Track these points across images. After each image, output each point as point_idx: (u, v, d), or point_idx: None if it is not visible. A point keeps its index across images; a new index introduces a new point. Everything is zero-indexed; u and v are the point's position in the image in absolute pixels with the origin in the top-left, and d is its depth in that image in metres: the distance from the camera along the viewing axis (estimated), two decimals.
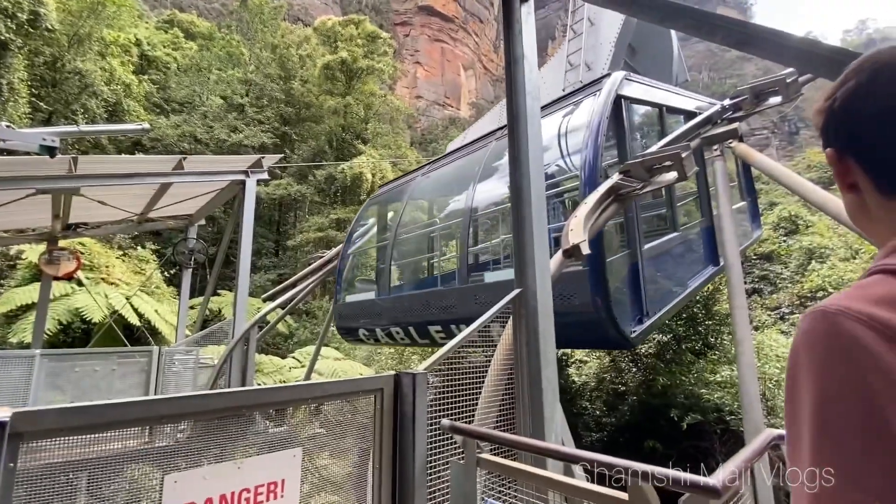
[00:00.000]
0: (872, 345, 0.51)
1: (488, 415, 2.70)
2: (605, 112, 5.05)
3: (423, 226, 8.66)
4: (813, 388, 0.54)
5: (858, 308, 0.53)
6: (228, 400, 1.65)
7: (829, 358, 0.54)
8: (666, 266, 5.61)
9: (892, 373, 0.49)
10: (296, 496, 1.71)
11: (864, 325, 0.52)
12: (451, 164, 8.05)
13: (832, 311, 0.55)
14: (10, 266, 14.53)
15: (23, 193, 6.76)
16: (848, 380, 0.51)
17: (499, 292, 4.69)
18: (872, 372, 0.50)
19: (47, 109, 19.37)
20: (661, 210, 6.22)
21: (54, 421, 1.29)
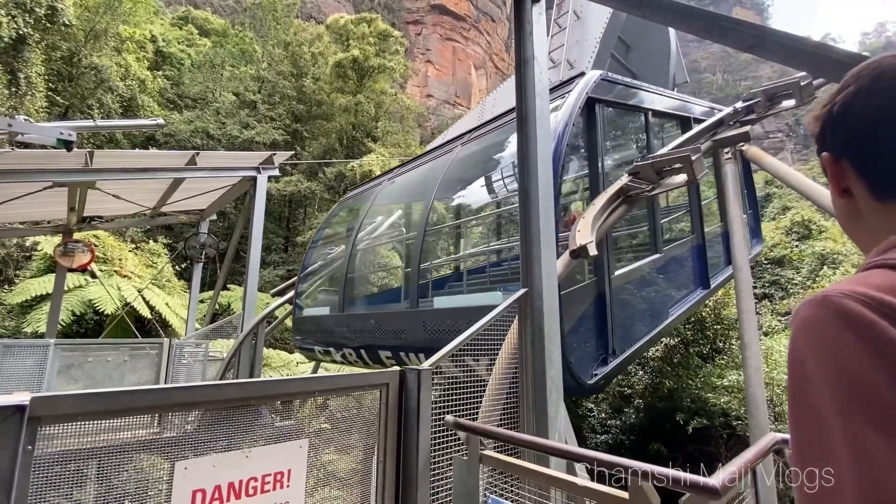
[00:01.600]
0: (884, 325, 0.49)
1: (492, 413, 2.72)
2: (570, 119, 4.54)
3: (379, 238, 7.96)
4: (831, 373, 0.50)
5: (864, 292, 0.51)
6: (238, 391, 1.69)
7: (845, 338, 0.50)
8: (643, 293, 5.08)
9: None
10: (301, 486, 1.75)
11: (872, 309, 0.50)
12: (415, 170, 7.53)
13: (835, 295, 0.53)
14: (25, 257, 14.82)
15: (40, 186, 6.91)
16: (873, 355, 0.48)
17: (453, 320, 4.39)
18: (889, 356, 0.48)
19: (64, 104, 19.70)
20: (642, 226, 5.82)
21: (71, 406, 1.34)
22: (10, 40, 15.13)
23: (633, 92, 5.85)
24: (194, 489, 1.53)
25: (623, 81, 5.73)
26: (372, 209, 7.72)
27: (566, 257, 3.64)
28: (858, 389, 0.48)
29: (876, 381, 0.48)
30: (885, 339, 0.48)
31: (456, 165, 6.45)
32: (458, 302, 5.17)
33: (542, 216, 3.11)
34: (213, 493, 1.56)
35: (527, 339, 2.92)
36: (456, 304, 5.09)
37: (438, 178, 6.34)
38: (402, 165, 8.16)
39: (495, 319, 2.87)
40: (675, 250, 5.89)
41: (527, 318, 2.97)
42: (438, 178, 6.34)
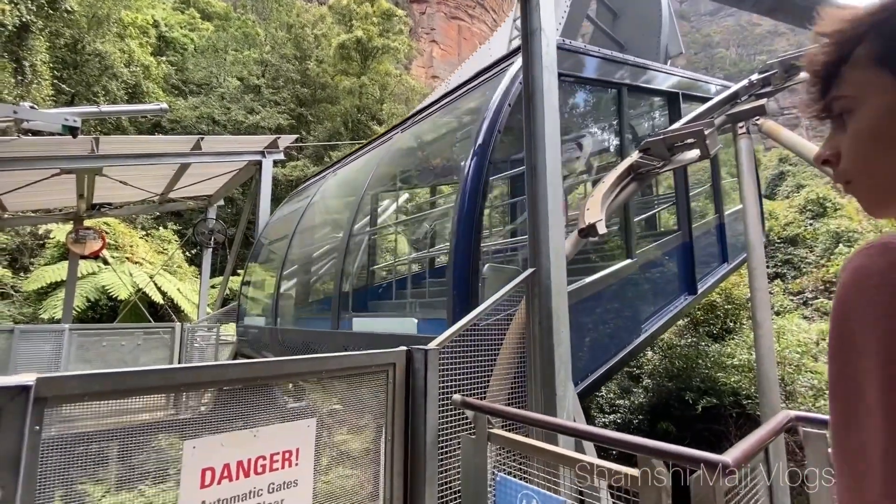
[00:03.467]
0: None
1: (500, 392, 2.71)
2: (504, 100, 3.79)
3: (310, 244, 7.05)
4: (885, 333, 0.42)
5: None
6: (244, 370, 1.69)
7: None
8: (608, 309, 4.33)
9: None
10: (310, 465, 1.75)
11: None
12: (354, 163, 6.73)
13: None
14: (39, 245, 15.04)
15: (48, 173, 6.95)
16: None
17: (377, 345, 4.04)
18: None
19: (70, 91, 19.70)
20: (612, 224, 5.18)
21: (77, 386, 1.34)
22: (14, 28, 15.07)
23: (602, 64, 4.99)
24: (203, 467, 1.54)
25: (586, 51, 4.87)
26: (307, 212, 6.98)
27: (575, 236, 3.58)
28: None
29: None
30: None
31: (390, 158, 5.73)
32: (374, 327, 4.57)
33: (550, 194, 3.04)
34: (223, 472, 1.57)
35: (534, 318, 2.89)
36: (373, 328, 4.55)
37: (370, 175, 5.65)
38: (347, 156, 7.28)
39: (503, 299, 2.83)
40: (653, 252, 5.14)
41: (534, 298, 2.93)
42: (370, 174, 5.67)
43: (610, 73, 5.12)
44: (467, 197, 3.55)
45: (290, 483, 1.72)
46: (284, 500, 1.71)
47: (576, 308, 3.57)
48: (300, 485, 1.74)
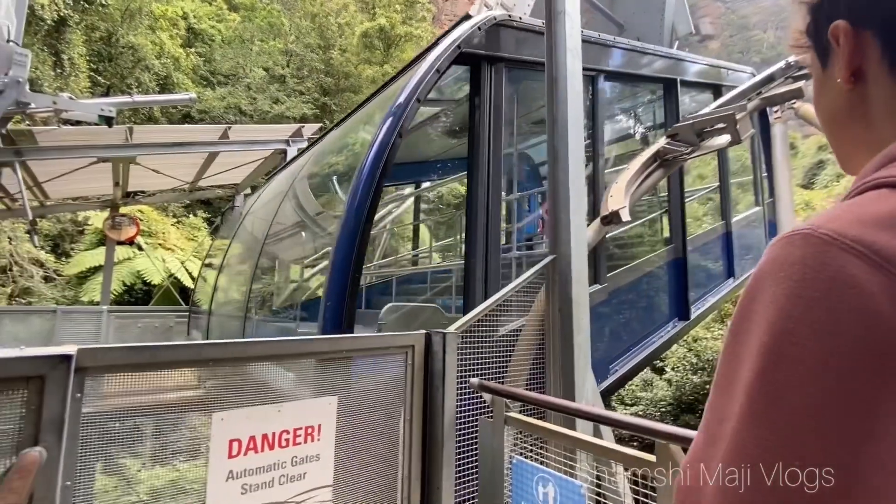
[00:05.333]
0: (867, 285, 0.37)
1: (518, 377, 2.72)
2: (417, 89, 3.27)
3: (239, 256, 6.50)
4: (771, 327, 0.40)
5: (855, 235, 0.39)
6: (269, 348, 1.75)
7: (804, 293, 0.39)
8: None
9: (886, 328, 0.35)
10: (331, 440, 1.81)
11: (861, 259, 0.38)
12: (278, 178, 6.12)
13: (818, 235, 0.40)
14: (79, 231, 15.77)
15: (86, 162, 7.25)
16: (819, 324, 0.38)
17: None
18: (858, 320, 0.36)
19: (105, 83, 20.40)
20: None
21: (114, 358, 1.42)
22: (53, 22, 15.65)
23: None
24: (231, 438, 1.61)
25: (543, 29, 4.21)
26: (251, 213, 6.57)
27: (597, 224, 3.53)
28: (791, 360, 0.39)
29: (813, 362, 0.37)
30: (858, 310, 0.36)
31: (312, 170, 5.15)
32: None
33: (572, 181, 3.00)
34: (248, 443, 1.64)
35: (554, 305, 2.88)
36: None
37: (288, 188, 5.15)
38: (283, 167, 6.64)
39: (523, 285, 2.83)
40: (631, 274, 4.43)
41: (554, 285, 2.92)
42: (288, 187, 5.17)
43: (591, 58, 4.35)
44: (353, 208, 3.05)
45: (313, 457, 1.79)
46: (307, 472, 1.77)
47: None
48: (322, 459, 1.81)
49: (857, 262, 0.37)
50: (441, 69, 3.40)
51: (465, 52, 3.53)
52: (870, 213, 0.41)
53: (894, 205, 0.41)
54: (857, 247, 0.38)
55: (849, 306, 0.37)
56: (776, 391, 0.39)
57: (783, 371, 0.39)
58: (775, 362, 0.39)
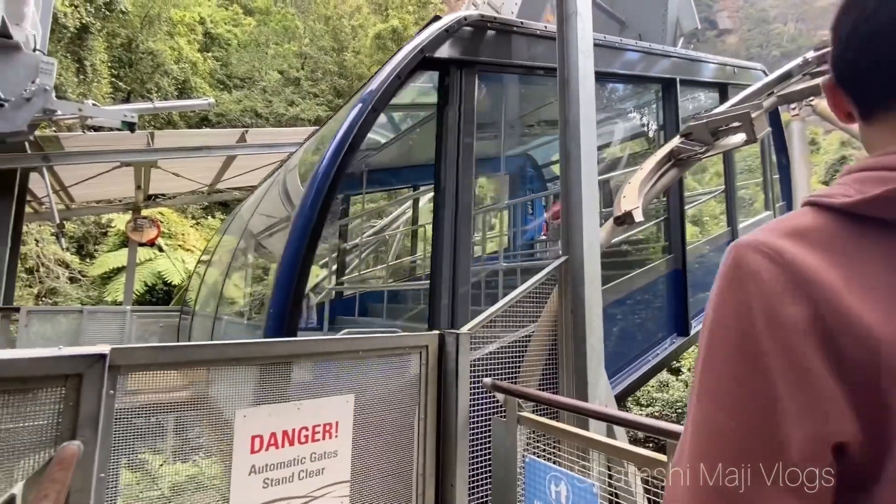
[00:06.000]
0: (764, 274, 0.49)
1: (531, 377, 2.75)
2: (372, 99, 3.10)
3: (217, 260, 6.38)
4: (709, 321, 0.53)
5: (765, 240, 0.51)
6: (289, 348, 1.81)
7: (727, 290, 0.52)
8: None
9: (779, 313, 0.47)
10: (349, 437, 1.87)
11: (763, 256, 0.50)
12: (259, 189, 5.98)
13: (742, 244, 0.53)
14: (102, 233, 16.23)
15: (109, 166, 7.48)
16: (733, 307, 0.51)
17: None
18: (759, 304, 0.49)
19: (126, 89, 20.94)
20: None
21: (144, 357, 1.50)
22: (75, 30, 16.13)
23: (533, 44, 3.88)
24: (253, 435, 1.68)
25: (526, 28, 3.75)
26: (220, 244, 6.49)
27: (610, 224, 3.53)
28: (717, 340, 0.52)
29: (727, 338, 0.51)
30: (756, 294, 0.49)
31: (266, 209, 4.95)
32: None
33: (585, 182, 3.02)
34: (269, 439, 1.71)
35: (567, 306, 2.90)
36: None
37: (248, 219, 5.00)
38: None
39: (535, 286, 2.86)
40: (624, 287, 4.19)
41: (567, 286, 2.94)
42: (248, 219, 5.02)
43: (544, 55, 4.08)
44: (297, 232, 2.92)
45: (331, 453, 1.85)
46: (325, 468, 1.83)
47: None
48: (339, 455, 1.87)
49: (761, 259, 0.50)
50: (401, 76, 3.20)
51: (431, 58, 3.30)
52: (785, 225, 0.53)
53: (804, 221, 0.53)
54: (764, 248, 0.51)
55: (753, 290, 0.50)
56: (712, 367, 0.52)
57: (712, 358, 0.52)
58: (708, 352, 0.52)
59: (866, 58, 0.56)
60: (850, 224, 0.51)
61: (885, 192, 0.49)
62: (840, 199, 0.52)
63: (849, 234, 0.50)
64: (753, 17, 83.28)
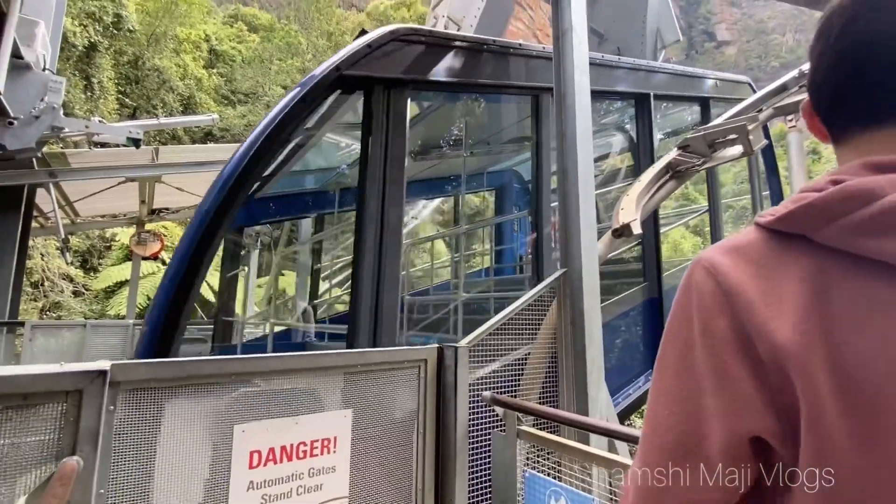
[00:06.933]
0: (703, 288, 0.56)
1: (531, 390, 2.75)
2: (272, 124, 2.87)
3: None
4: (665, 329, 0.60)
5: (710, 256, 0.58)
6: (286, 363, 1.83)
7: (678, 300, 0.60)
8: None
9: (710, 323, 0.54)
10: (347, 452, 1.87)
11: (707, 274, 0.56)
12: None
13: (697, 258, 0.60)
14: (106, 247, 16.34)
15: (114, 181, 7.58)
16: (679, 318, 0.58)
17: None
18: (697, 314, 0.55)
19: (132, 105, 21.26)
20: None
21: (144, 372, 1.51)
22: (84, 48, 16.46)
23: (476, 59, 3.56)
24: (251, 450, 1.68)
25: (469, 43, 3.49)
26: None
27: (608, 236, 3.55)
28: (666, 344, 0.59)
29: (672, 343, 0.58)
30: (695, 307, 0.56)
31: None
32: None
33: (583, 195, 3.05)
34: (268, 455, 1.71)
35: (566, 318, 2.90)
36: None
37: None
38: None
39: (534, 299, 2.87)
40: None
41: (566, 299, 2.95)
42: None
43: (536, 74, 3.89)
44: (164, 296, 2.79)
45: (329, 469, 1.85)
46: (323, 484, 1.83)
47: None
48: (338, 471, 1.86)
49: (704, 274, 0.57)
50: (308, 98, 2.94)
51: (350, 76, 3.02)
52: (731, 242, 0.59)
53: (745, 238, 0.58)
54: (707, 264, 0.57)
55: (694, 302, 0.56)
56: (662, 370, 0.59)
57: (663, 355, 0.59)
58: (662, 349, 0.59)
59: (831, 85, 0.60)
60: (776, 240, 0.56)
61: (791, 210, 0.54)
62: (768, 217, 0.57)
63: (774, 250, 0.55)
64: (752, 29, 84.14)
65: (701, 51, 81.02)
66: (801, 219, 0.53)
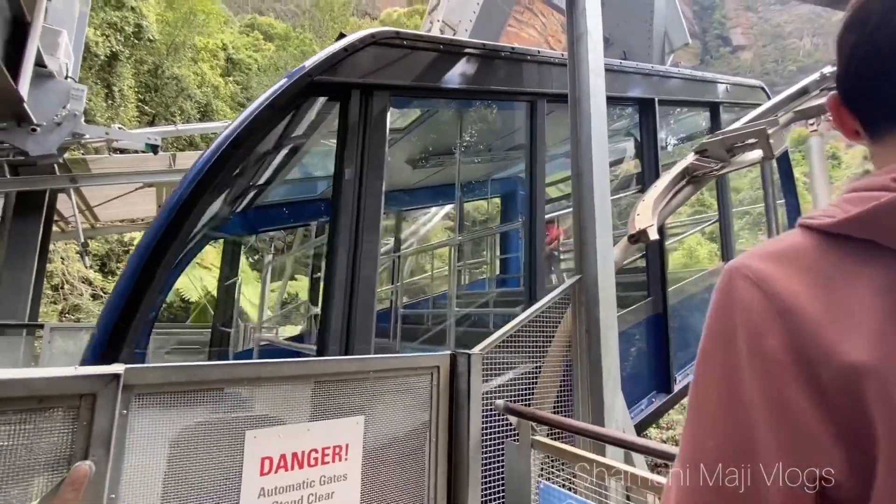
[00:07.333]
0: (749, 302, 0.49)
1: (544, 399, 2.69)
2: (236, 131, 2.73)
3: None
4: (703, 339, 0.54)
5: (749, 264, 0.52)
6: (298, 368, 1.81)
7: (717, 315, 0.53)
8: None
9: (761, 344, 0.47)
10: (359, 459, 1.84)
11: (748, 281, 0.50)
12: None
13: (731, 267, 0.53)
14: (124, 251, 16.66)
15: (133, 187, 7.73)
16: (721, 335, 0.51)
17: None
18: (743, 333, 0.49)
19: (151, 112, 21.74)
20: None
21: (157, 377, 1.51)
22: (106, 57, 16.92)
23: (489, 63, 3.44)
24: (262, 456, 1.66)
25: (456, 47, 3.32)
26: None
27: (624, 242, 3.48)
28: (705, 366, 0.53)
29: (715, 364, 0.51)
30: (740, 324, 0.49)
31: None
32: None
33: (598, 200, 3.00)
34: (279, 461, 1.69)
35: (581, 326, 2.85)
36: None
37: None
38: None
39: (548, 306, 2.82)
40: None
41: (581, 306, 2.89)
42: None
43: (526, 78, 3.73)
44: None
45: (340, 476, 1.82)
46: (334, 492, 1.80)
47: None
48: (349, 479, 1.84)
49: (746, 285, 0.50)
50: (276, 104, 2.78)
51: (323, 82, 2.84)
52: (771, 248, 0.53)
53: (792, 243, 0.52)
54: (748, 272, 0.51)
55: (739, 319, 0.50)
56: (701, 391, 0.52)
57: (701, 379, 0.53)
58: (699, 372, 0.53)
59: (869, 77, 0.56)
60: (835, 246, 0.49)
61: (862, 212, 0.47)
62: (825, 220, 0.50)
63: (833, 257, 0.49)
64: (768, 33, 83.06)
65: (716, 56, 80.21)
66: (872, 222, 0.47)
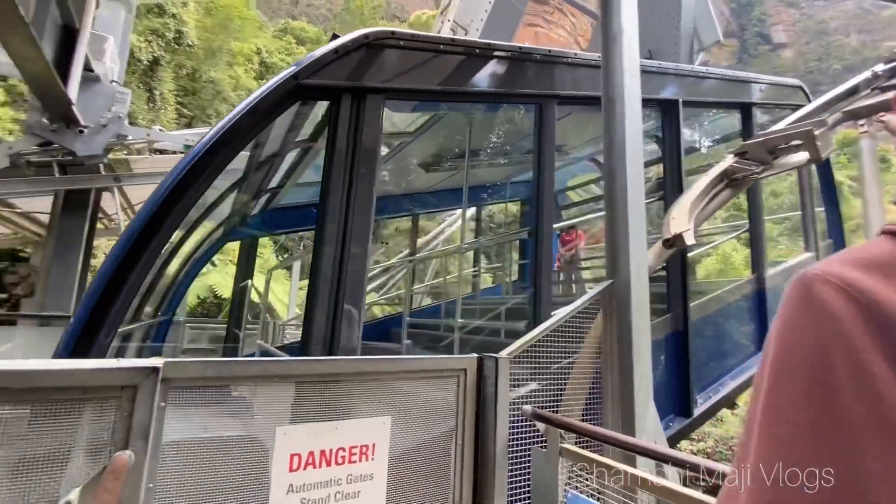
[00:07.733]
0: (841, 313, 0.43)
1: (573, 407, 2.63)
2: (213, 138, 2.71)
3: None
4: (772, 358, 0.47)
5: (836, 272, 0.46)
6: (329, 367, 1.83)
7: (795, 328, 0.47)
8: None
9: (864, 361, 0.41)
10: (385, 459, 1.84)
11: (838, 291, 0.44)
12: None
13: (810, 275, 0.47)
14: None
15: None
16: (805, 349, 0.45)
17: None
18: (839, 349, 0.43)
19: (189, 115, 22.60)
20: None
21: (194, 371, 1.55)
22: (148, 62, 17.70)
23: (495, 64, 3.31)
24: (292, 453, 1.69)
25: (459, 48, 3.16)
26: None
27: (658, 247, 3.38)
28: (784, 384, 0.46)
29: (799, 381, 0.45)
30: (831, 334, 0.43)
31: None
32: None
33: (631, 202, 2.92)
34: (308, 458, 1.71)
35: (612, 333, 2.78)
36: None
37: None
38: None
39: (578, 311, 2.76)
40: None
41: (612, 312, 2.82)
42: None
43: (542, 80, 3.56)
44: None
45: (367, 476, 1.82)
46: (361, 491, 1.81)
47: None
48: (375, 479, 1.84)
49: (836, 295, 0.44)
50: (259, 109, 2.68)
51: (311, 85, 2.74)
52: (860, 255, 0.48)
53: (884, 251, 0.47)
54: (838, 282, 0.45)
55: (829, 331, 0.44)
56: (777, 410, 0.46)
57: (781, 393, 0.46)
58: (772, 389, 0.46)
59: None
60: None
61: None
62: None
63: None
64: (812, 30, 79.35)
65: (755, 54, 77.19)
66: None
